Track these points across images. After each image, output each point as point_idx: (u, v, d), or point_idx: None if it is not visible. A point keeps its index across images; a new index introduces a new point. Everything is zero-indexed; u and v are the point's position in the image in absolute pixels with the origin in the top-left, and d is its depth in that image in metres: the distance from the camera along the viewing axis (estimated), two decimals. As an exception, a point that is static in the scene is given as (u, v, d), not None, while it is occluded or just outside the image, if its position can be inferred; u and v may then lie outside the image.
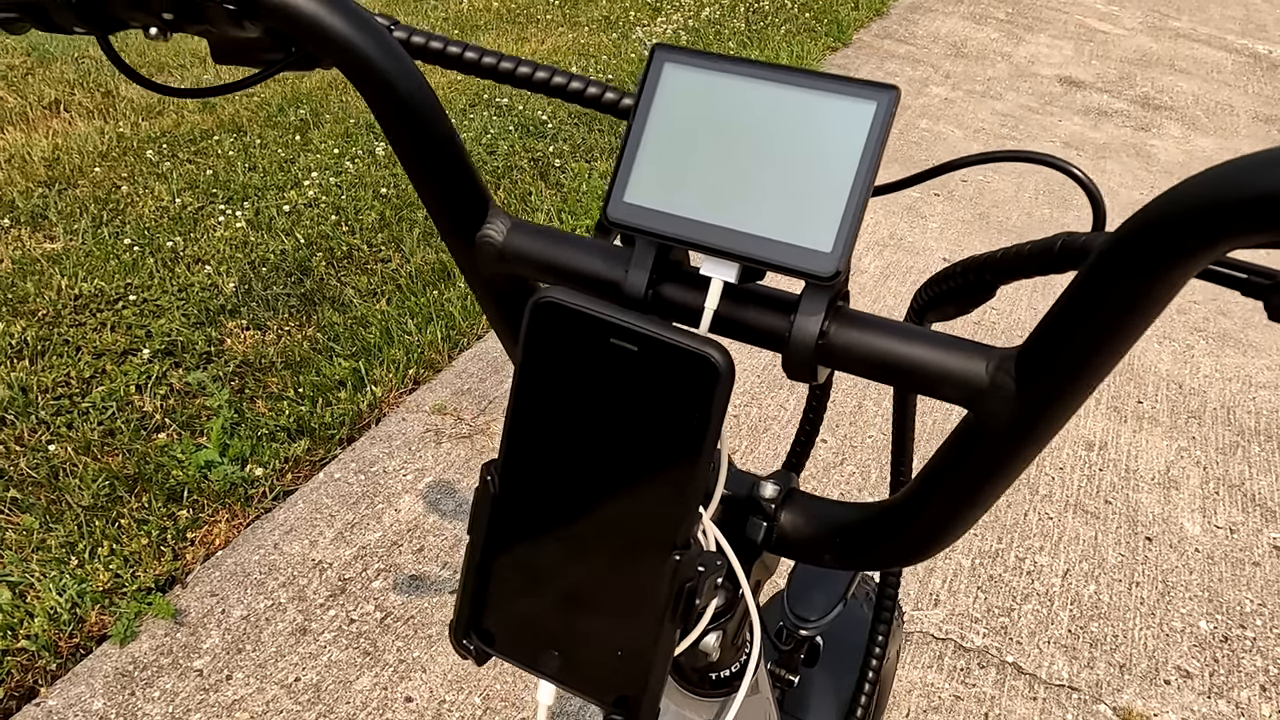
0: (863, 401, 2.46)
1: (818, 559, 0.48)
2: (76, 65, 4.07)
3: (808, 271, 0.38)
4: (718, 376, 0.37)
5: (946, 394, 0.38)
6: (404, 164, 0.46)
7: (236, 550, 1.87)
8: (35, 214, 2.89)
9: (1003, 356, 0.37)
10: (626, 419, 0.39)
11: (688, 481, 0.39)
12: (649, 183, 0.40)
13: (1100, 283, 0.32)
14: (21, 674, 1.61)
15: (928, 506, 0.41)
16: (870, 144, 0.37)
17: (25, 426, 2.09)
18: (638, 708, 0.42)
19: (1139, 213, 0.31)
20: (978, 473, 0.39)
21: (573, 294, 0.39)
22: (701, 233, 0.40)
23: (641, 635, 0.41)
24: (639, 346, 0.38)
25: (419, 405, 2.29)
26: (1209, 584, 2.03)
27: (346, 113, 3.76)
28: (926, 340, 0.39)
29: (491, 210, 0.47)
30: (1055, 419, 0.36)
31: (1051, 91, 4.88)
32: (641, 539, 0.40)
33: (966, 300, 0.47)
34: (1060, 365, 0.34)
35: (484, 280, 0.49)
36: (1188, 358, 2.82)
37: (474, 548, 0.44)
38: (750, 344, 0.43)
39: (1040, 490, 2.24)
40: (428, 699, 1.63)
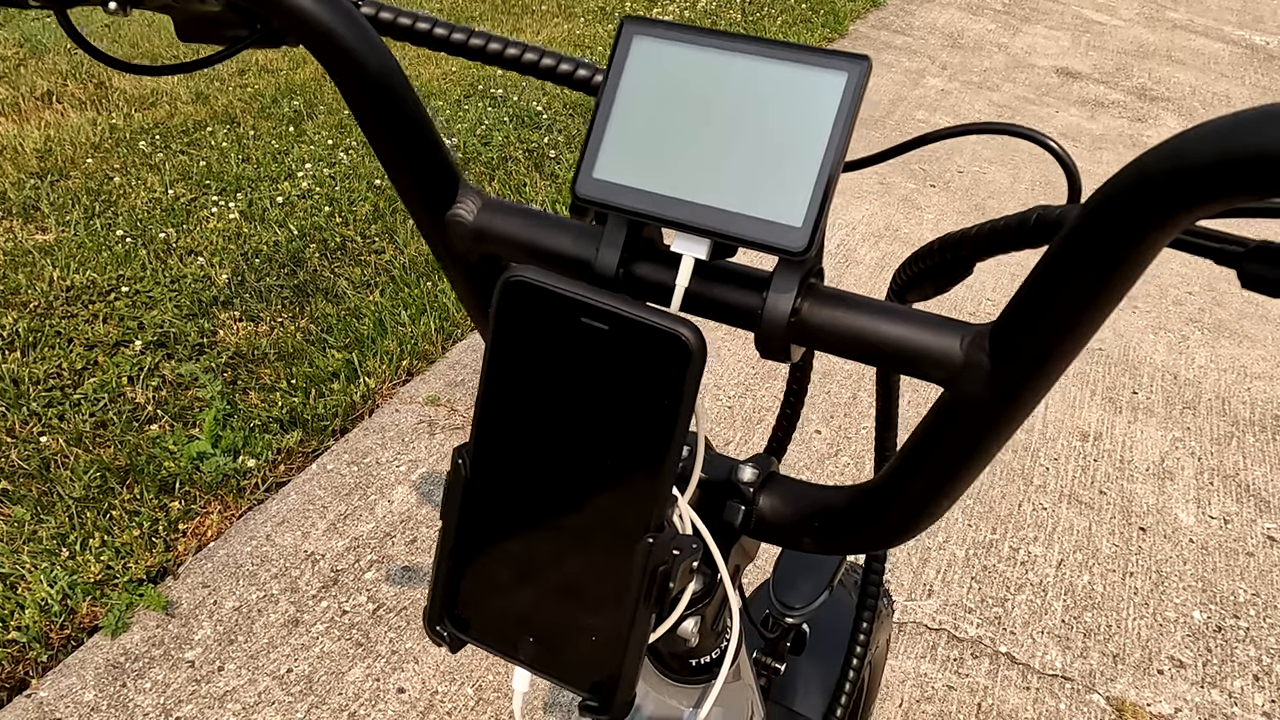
0: (857, 393, 2.45)
1: (797, 543, 0.48)
2: (69, 56, 4.05)
3: (778, 246, 0.37)
4: (689, 355, 0.36)
5: (921, 371, 0.38)
6: (371, 142, 0.45)
7: (228, 541, 1.87)
8: (27, 205, 2.88)
9: (977, 333, 0.36)
10: (598, 400, 0.38)
11: (660, 463, 0.38)
12: (618, 158, 0.40)
13: (1072, 255, 0.31)
14: (12, 665, 1.60)
15: (907, 487, 0.41)
16: (841, 116, 0.36)
17: (16, 418, 2.08)
18: (613, 693, 0.41)
19: (1106, 184, 0.30)
20: (955, 451, 0.38)
21: (542, 272, 0.38)
22: (672, 208, 0.39)
23: (616, 620, 0.41)
24: (610, 325, 0.37)
25: (412, 397, 2.29)
26: (1203, 574, 2.03)
27: (340, 104, 3.74)
28: (900, 317, 0.38)
29: (461, 188, 0.47)
30: (1031, 394, 0.35)
31: (1048, 83, 4.87)
32: (615, 522, 0.40)
33: (944, 278, 0.46)
34: (1034, 340, 0.34)
35: (455, 259, 0.48)
36: (1183, 348, 2.81)
37: (446, 533, 0.44)
38: (722, 323, 0.42)
39: (1035, 481, 2.24)
40: (420, 690, 1.62)
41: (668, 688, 0.56)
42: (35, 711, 1.54)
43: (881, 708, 1.67)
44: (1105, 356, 2.73)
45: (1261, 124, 0.25)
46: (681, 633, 0.49)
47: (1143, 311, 2.97)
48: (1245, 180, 0.26)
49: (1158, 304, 3.03)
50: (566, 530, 0.41)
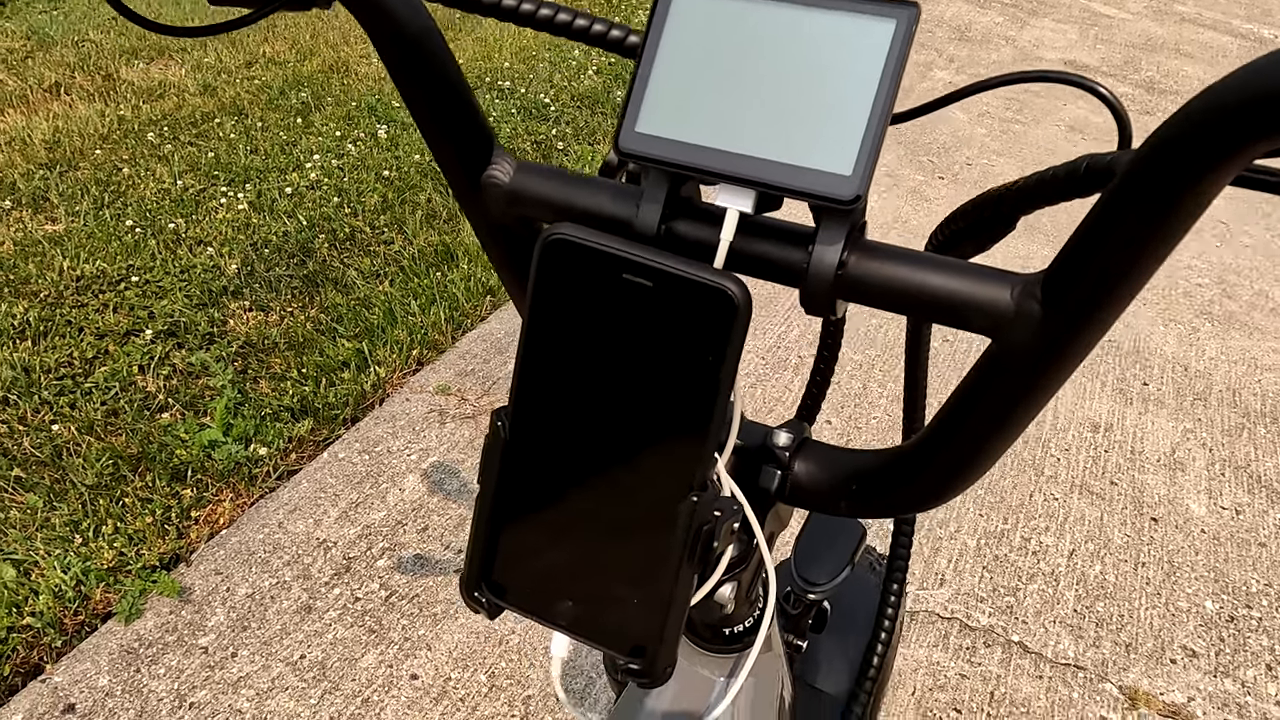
0: (867, 384, 2.45)
1: (833, 507, 0.48)
2: (77, 49, 4.05)
3: (828, 196, 0.37)
4: (735, 310, 0.36)
5: (969, 322, 0.37)
6: (408, 103, 0.45)
7: (241, 529, 1.87)
8: (36, 196, 2.88)
9: (1027, 281, 0.36)
10: (641, 359, 0.38)
11: (705, 421, 0.38)
12: (661, 111, 0.39)
13: (1127, 200, 0.31)
14: (27, 651, 1.61)
15: (950, 445, 0.41)
16: (890, 63, 0.36)
17: (28, 406, 2.08)
18: (655, 656, 0.41)
19: (1162, 126, 0.30)
20: (1003, 404, 0.38)
21: (584, 230, 0.38)
22: (716, 160, 0.38)
23: (658, 582, 0.40)
24: (653, 282, 0.37)
25: (423, 386, 2.29)
26: (1215, 564, 2.02)
27: (348, 95, 3.74)
28: (948, 268, 0.38)
29: (496, 151, 0.46)
30: (1083, 343, 0.35)
31: (1056, 75, 4.85)
32: (658, 482, 0.40)
33: (985, 235, 0.46)
34: (1088, 287, 0.33)
35: (489, 223, 0.48)
36: (1193, 340, 2.80)
37: (484, 497, 0.43)
38: (766, 279, 0.41)
39: (1046, 471, 2.23)
40: (433, 677, 1.63)
41: (700, 657, 0.56)
42: (50, 696, 1.54)
43: (894, 696, 1.67)
44: (1115, 348, 2.72)
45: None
46: (718, 598, 0.49)
47: (1152, 303, 2.96)
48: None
49: (1167, 295, 3.02)
50: (607, 491, 0.41)
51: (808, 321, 2.64)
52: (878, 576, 0.99)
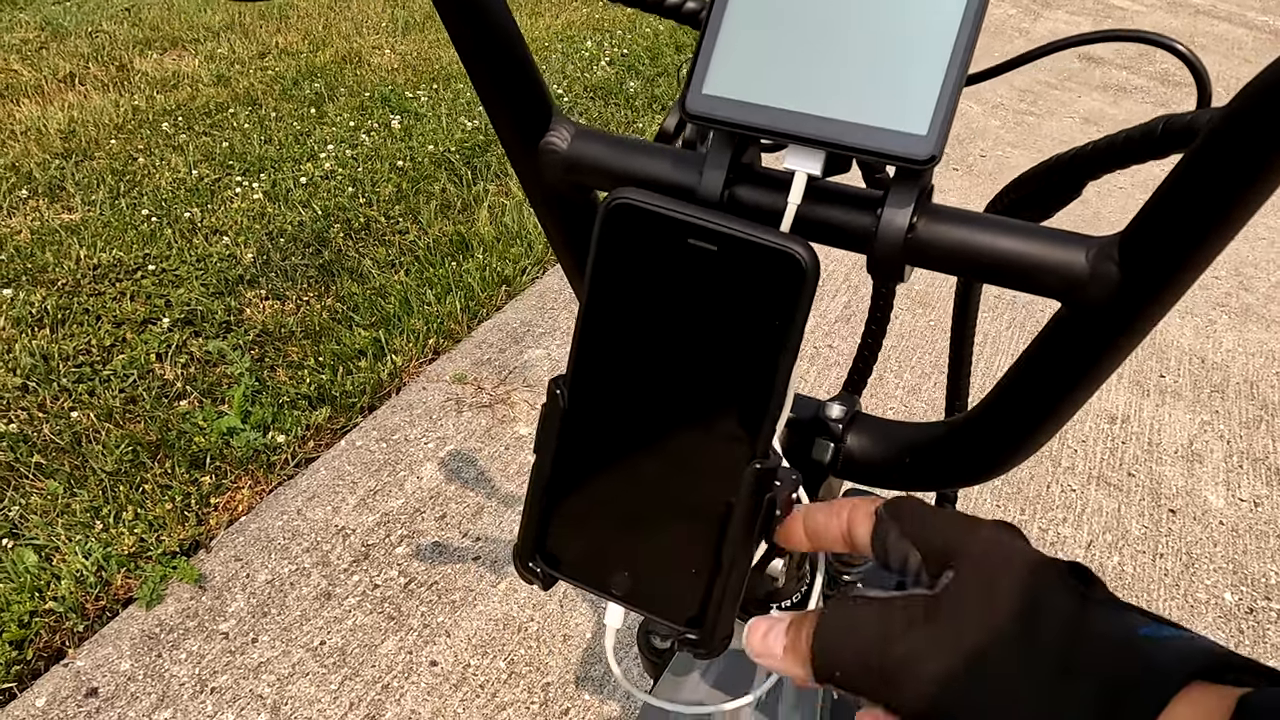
0: (883, 374, 2.44)
1: (885, 481, 0.47)
2: (90, 39, 4.06)
3: (903, 156, 0.36)
4: (804, 275, 0.36)
5: (1042, 285, 0.37)
6: (466, 65, 0.44)
7: (260, 516, 1.87)
8: (53, 185, 2.89)
9: (1104, 243, 0.36)
10: (703, 325, 0.38)
11: (769, 388, 0.38)
12: (728, 73, 0.39)
13: (1213, 159, 0.31)
14: (49, 635, 1.61)
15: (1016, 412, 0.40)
16: (969, 17, 0.35)
17: (48, 394, 2.09)
18: (714, 628, 0.41)
19: (1252, 84, 0.30)
20: (1073, 369, 0.37)
21: (648, 194, 0.38)
22: (785, 121, 0.38)
23: (717, 551, 0.40)
24: (719, 246, 0.37)
25: (439, 375, 2.29)
26: (1233, 556, 2.02)
27: (361, 86, 3.74)
28: (1020, 231, 0.37)
29: (555, 117, 0.46)
30: (1160, 306, 0.35)
31: (1070, 67, 4.82)
32: (719, 451, 0.39)
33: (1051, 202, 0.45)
34: (1169, 249, 0.33)
35: (545, 190, 0.47)
36: (1210, 332, 2.79)
37: (541, 467, 0.43)
38: (831, 245, 0.41)
39: (1063, 462, 2.22)
40: (452, 663, 1.63)
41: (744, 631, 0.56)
42: (73, 680, 1.55)
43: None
44: (1132, 340, 2.71)
45: None
46: (770, 571, 0.49)
47: (1169, 295, 2.95)
48: None
49: (1184, 288, 3.00)
50: (666, 460, 0.41)
51: (822, 312, 2.63)
52: None
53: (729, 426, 0.39)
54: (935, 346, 2.55)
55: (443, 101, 3.64)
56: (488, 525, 1.89)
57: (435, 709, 1.55)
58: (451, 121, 3.47)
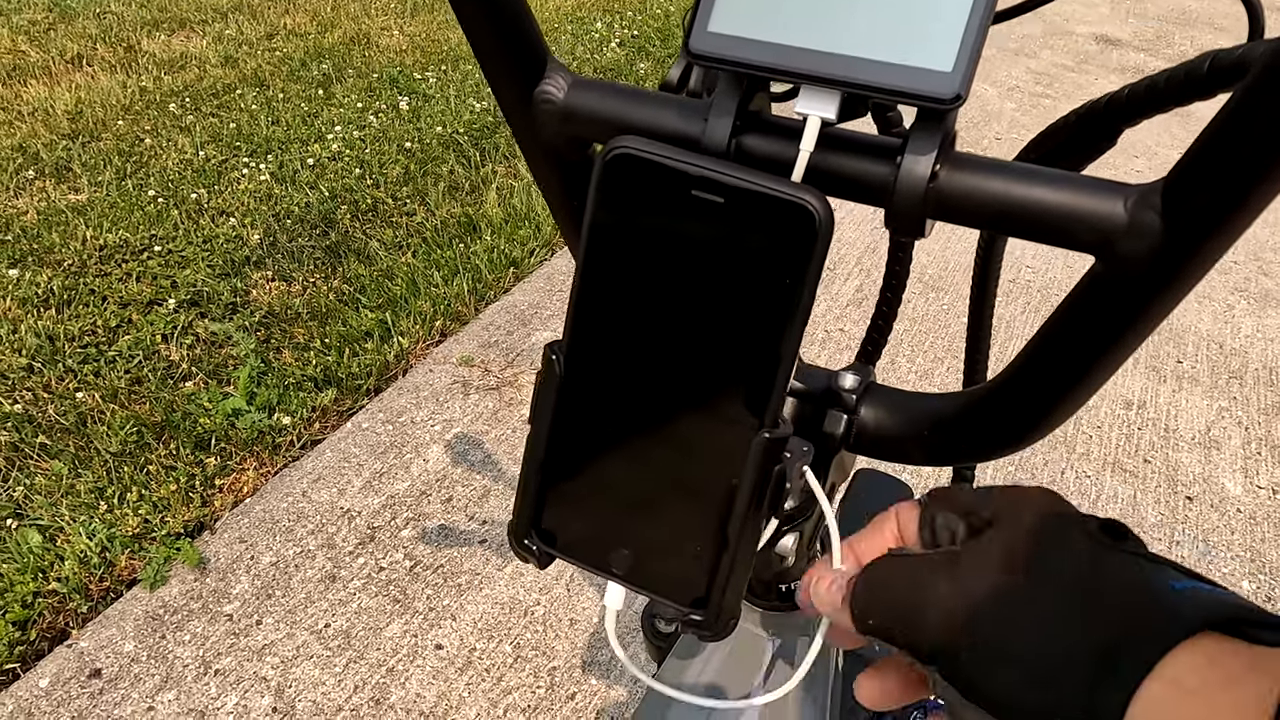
0: (895, 358, 2.41)
1: (902, 455, 0.45)
2: (98, 20, 4.04)
3: (926, 94, 0.33)
4: (817, 227, 0.33)
5: (1076, 238, 0.34)
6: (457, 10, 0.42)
7: (265, 498, 1.86)
8: (59, 166, 2.88)
9: (1143, 191, 0.33)
10: (710, 285, 0.35)
11: (778, 352, 0.35)
12: (736, 9, 0.36)
13: (1265, 97, 0.28)
14: (53, 616, 1.61)
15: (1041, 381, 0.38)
16: None
17: (53, 374, 2.08)
18: (720, 607, 0.39)
19: None
20: (1109, 331, 0.35)
21: (649, 143, 0.35)
22: (797, 59, 0.35)
23: (723, 528, 0.38)
24: (726, 198, 0.34)
25: (446, 357, 2.27)
26: (1251, 544, 1.98)
27: (369, 67, 3.71)
28: (1052, 180, 0.34)
29: (550, 65, 0.43)
30: (1205, 258, 0.32)
31: (1087, 50, 4.76)
32: (726, 420, 0.37)
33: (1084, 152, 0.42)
34: (1217, 194, 0.30)
35: (541, 143, 0.44)
36: (1228, 318, 2.74)
37: (536, 439, 0.41)
38: (845, 198, 0.38)
39: (1078, 448, 2.19)
40: (458, 647, 1.61)
41: (753, 614, 0.53)
42: (76, 661, 1.54)
43: (923, 672, 1.65)
44: (1149, 325, 2.67)
45: None
46: (779, 550, 0.47)
47: (1187, 280, 2.91)
48: None
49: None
50: (669, 431, 0.38)
51: (834, 295, 2.60)
52: None
53: (736, 394, 0.36)
54: (949, 330, 2.52)
55: (451, 83, 3.61)
56: (494, 508, 1.88)
57: (440, 693, 1.54)
58: (460, 103, 3.44)
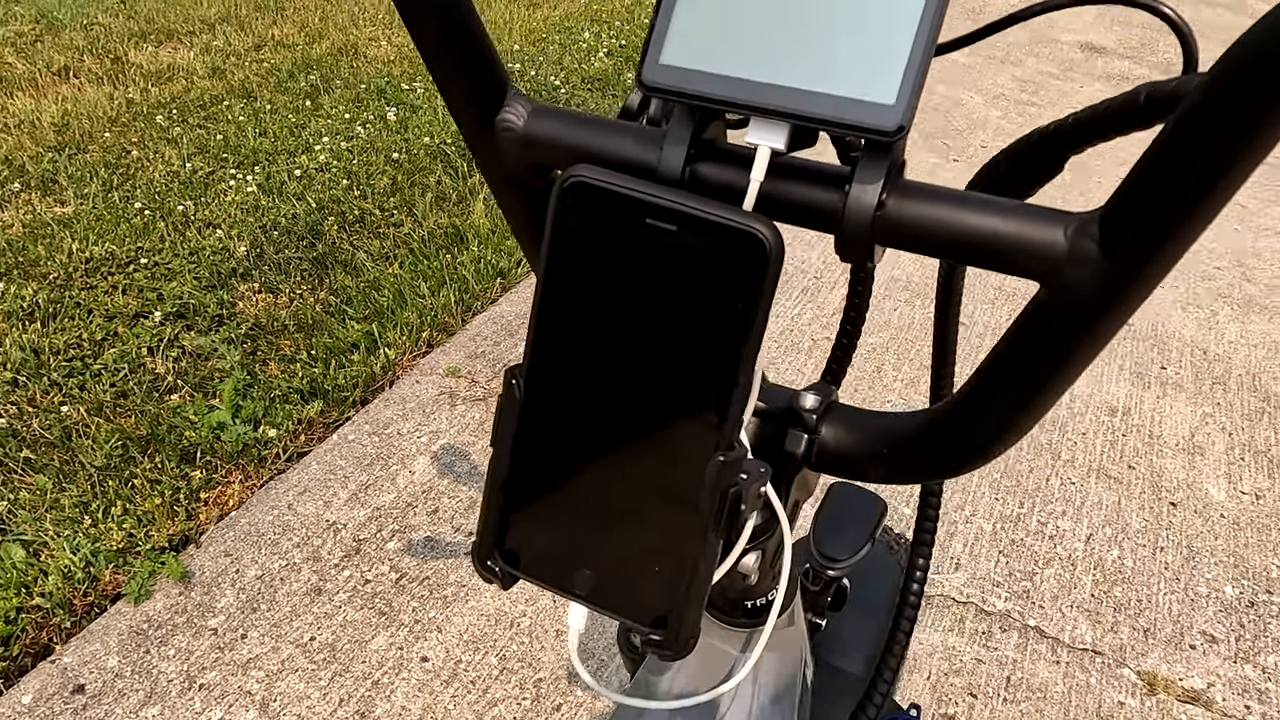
0: (881, 366, 2.42)
1: (862, 473, 0.45)
2: (85, 32, 4.04)
3: (869, 127, 0.34)
4: (767, 254, 0.34)
5: (1019, 266, 0.35)
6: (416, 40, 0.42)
7: (250, 510, 1.86)
8: (45, 178, 2.87)
9: (1083, 220, 0.33)
10: (664, 310, 0.36)
11: (734, 376, 0.36)
12: (688, 41, 0.37)
13: (1197, 126, 0.29)
14: (36, 631, 1.60)
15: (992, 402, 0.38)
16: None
17: (38, 388, 2.08)
18: (679, 626, 0.39)
19: (1233, 47, 0.28)
20: (1054, 355, 0.35)
21: (604, 172, 0.36)
22: (747, 91, 0.36)
23: (682, 549, 0.38)
24: (678, 226, 0.35)
25: (432, 368, 2.27)
26: (1235, 549, 2.00)
27: (357, 78, 3.72)
28: (995, 208, 0.35)
29: (511, 93, 0.44)
30: (1143, 285, 0.32)
31: (1072, 58, 4.79)
32: (683, 443, 0.37)
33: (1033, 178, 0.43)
34: (1151, 224, 0.31)
35: (503, 170, 0.45)
36: (1212, 324, 2.76)
37: (499, 461, 0.41)
38: (796, 224, 0.39)
39: (1062, 455, 2.20)
40: (444, 659, 1.61)
41: (719, 630, 0.54)
42: (59, 677, 1.54)
43: (909, 680, 1.65)
44: (1133, 332, 2.68)
45: None
46: (742, 568, 0.47)
47: (1170, 286, 2.92)
48: None
49: (1185, 279, 2.98)
50: (628, 453, 0.39)
51: (820, 304, 2.61)
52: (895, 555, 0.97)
53: (692, 417, 0.37)
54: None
55: (438, 94, 3.62)
56: (480, 520, 1.88)
57: (426, 705, 1.54)
58: (447, 114, 3.45)
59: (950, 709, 1.61)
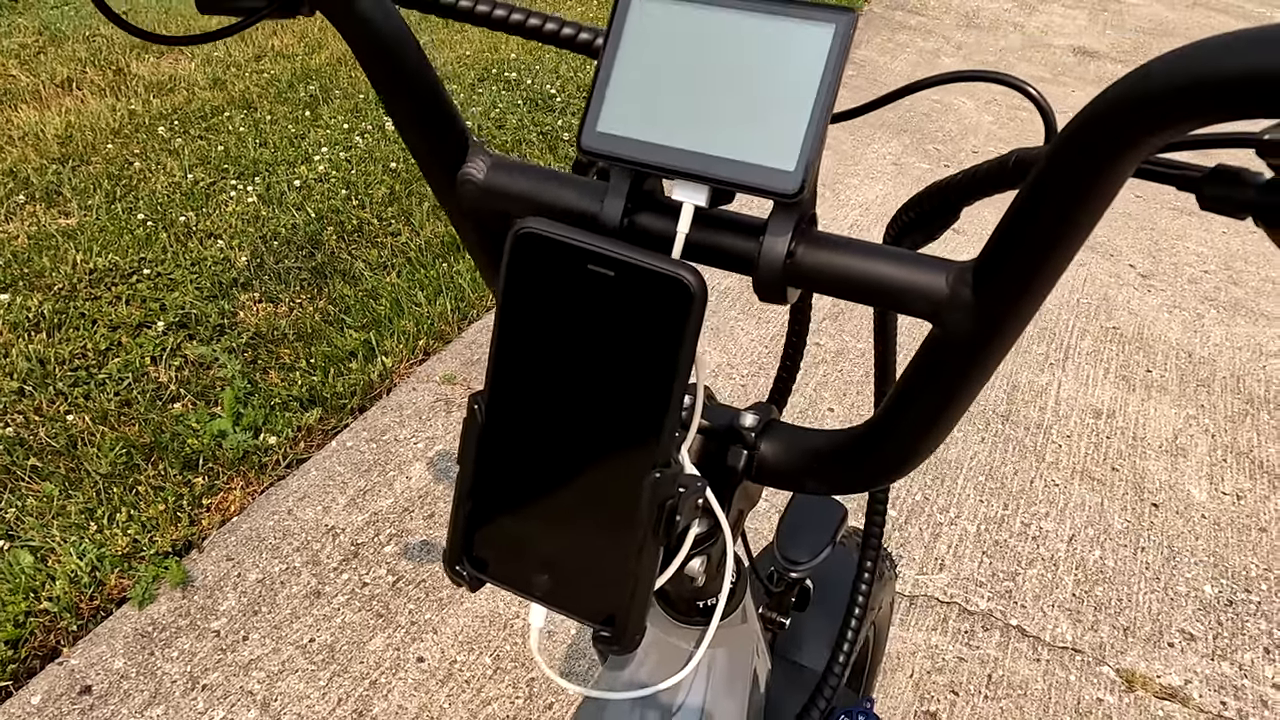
0: (870, 371, 2.47)
1: (798, 485, 0.50)
2: (88, 44, 4.10)
3: (772, 190, 0.39)
4: (691, 298, 0.38)
5: (910, 308, 0.40)
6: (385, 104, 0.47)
7: (251, 516, 1.91)
8: (50, 190, 2.92)
9: (960, 269, 0.38)
10: (606, 345, 0.41)
11: (665, 403, 0.40)
12: (621, 112, 0.42)
13: (1044, 188, 0.33)
14: (44, 635, 1.65)
15: (900, 423, 0.43)
16: (830, 65, 0.38)
17: (44, 397, 2.13)
18: (625, 624, 0.44)
19: (1070, 121, 0.32)
20: (945, 385, 0.40)
21: (550, 223, 0.40)
22: (672, 158, 0.41)
23: (626, 555, 0.43)
24: (615, 272, 0.39)
25: (429, 375, 2.32)
26: (1215, 549, 2.04)
27: (356, 88, 3.77)
28: (889, 257, 0.40)
29: (472, 149, 0.49)
30: (1012, 325, 0.37)
31: (1064, 62, 4.83)
32: (624, 461, 0.42)
33: (933, 225, 0.48)
34: (1013, 273, 0.36)
35: (466, 217, 0.50)
36: (1198, 327, 2.81)
37: (463, 477, 0.46)
38: (721, 268, 0.44)
39: (1047, 457, 2.25)
40: (439, 659, 1.66)
41: (675, 629, 0.59)
42: (67, 678, 1.59)
43: (892, 678, 1.70)
44: (1119, 335, 2.73)
45: (1219, 51, 0.27)
46: (689, 572, 0.52)
47: (1158, 290, 2.97)
48: (1200, 103, 0.27)
49: (1173, 282, 3.02)
50: (577, 470, 0.43)
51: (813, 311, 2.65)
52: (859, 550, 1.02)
53: (631, 439, 0.42)
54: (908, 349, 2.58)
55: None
56: (475, 524, 1.92)
57: (422, 704, 1.59)
58: (445, 123, 3.50)
59: (933, 706, 1.66)
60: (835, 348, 2.54)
